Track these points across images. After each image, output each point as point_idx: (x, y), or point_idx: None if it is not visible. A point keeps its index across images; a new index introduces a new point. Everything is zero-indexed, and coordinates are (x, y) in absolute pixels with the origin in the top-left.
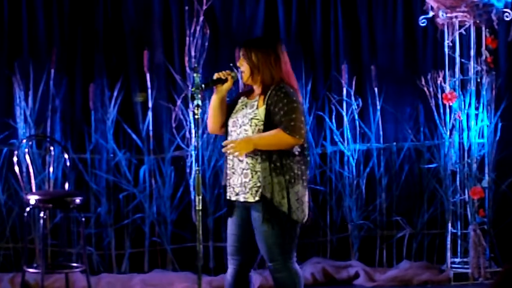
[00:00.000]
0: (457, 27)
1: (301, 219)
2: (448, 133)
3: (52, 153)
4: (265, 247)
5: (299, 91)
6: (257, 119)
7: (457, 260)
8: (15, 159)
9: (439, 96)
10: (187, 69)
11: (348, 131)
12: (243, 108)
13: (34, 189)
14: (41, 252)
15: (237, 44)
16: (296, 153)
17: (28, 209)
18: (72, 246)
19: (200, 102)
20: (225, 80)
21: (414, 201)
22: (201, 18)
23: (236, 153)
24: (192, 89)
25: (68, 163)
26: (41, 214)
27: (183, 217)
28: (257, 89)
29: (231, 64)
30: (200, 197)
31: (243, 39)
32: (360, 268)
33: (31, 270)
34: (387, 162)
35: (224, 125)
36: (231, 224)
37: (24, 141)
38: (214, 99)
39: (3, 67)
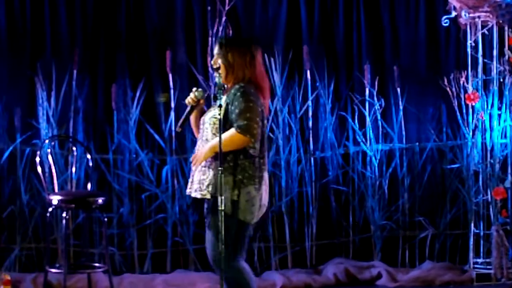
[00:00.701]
0: (479, 27)
1: (249, 220)
2: (471, 133)
3: (75, 153)
4: (208, 244)
5: (268, 91)
6: (216, 117)
7: (480, 260)
8: (37, 159)
9: (462, 96)
10: (210, 70)
11: (371, 131)
12: (213, 108)
13: (56, 190)
14: (64, 252)
15: (259, 44)
16: (253, 154)
17: (50, 209)
18: (94, 246)
19: (222, 102)
20: (197, 105)
21: (436, 201)
22: (224, 19)
23: (194, 162)
24: (215, 90)
25: (90, 164)
26: (64, 215)
27: None
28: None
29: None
30: (223, 197)
31: (266, 39)
32: (383, 268)
33: (53, 270)
34: (409, 163)
35: None
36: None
37: (47, 141)
38: (192, 120)
39: (26, 68)
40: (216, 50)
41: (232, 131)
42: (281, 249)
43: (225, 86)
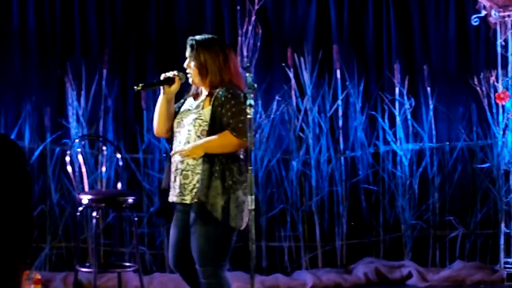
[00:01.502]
0: (509, 26)
1: (239, 226)
2: (501, 132)
3: (105, 153)
4: (197, 252)
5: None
6: (201, 119)
7: (510, 260)
8: (67, 159)
9: (492, 95)
10: (240, 69)
11: (401, 130)
12: (189, 109)
13: (86, 189)
14: (94, 251)
15: (289, 44)
16: (242, 157)
17: (80, 208)
18: (124, 246)
19: (252, 102)
20: (172, 81)
21: (467, 201)
22: (253, 18)
23: (186, 155)
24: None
25: (120, 163)
26: (94, 214)
27: None
28: (204, 90)
29: (284, 64)
30: (253, 196)
31: (295, 39)
32: (413, 268)
33: (83, 269)
34: (440, 162)
35: (171, 128)
36: (173, 229)
37: (77, 141)
38: (161, 101)
39: (56, 67)
40: (187, 52)
41: (226, 133)
42: (311, 249)
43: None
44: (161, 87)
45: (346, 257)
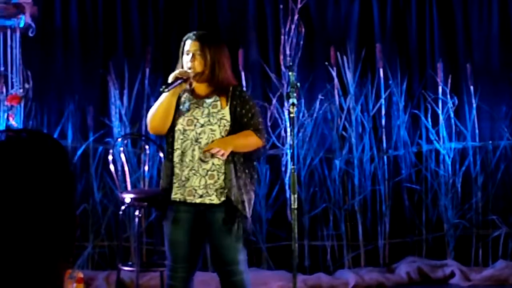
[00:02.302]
0: None
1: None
2: None
3: (147, 151)
4: (229, 251)
5: None
6: (225, 119)
7: None
8: (110, 157)
9: None
10: (282, 68)
11: (444, 129)
12: (196, 107)
13: (129, 188)
14: (136, 250)
15: (332, 42)
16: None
17: (123, 207)
18: None
19: (295, 101)
20: (187, 79)
21: (510, 200)
22: (296, 17)
23: (221, 153)
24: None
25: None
26: (136, 213)
27: (279, 216)
28: (205, 87)
29: (326, 63)
30: (296, 195)
31: (338, 37)
32: (456, 267)
33: (126, 268)
34: (483, 161)
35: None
36: (176, 230)
37: (119, 140)
38: (170, 97)
39: (99, 67)
40: (192, 47)
41: (250, 133)
42: (354, 248)
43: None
44: (178, 84)
45: (388, 256)
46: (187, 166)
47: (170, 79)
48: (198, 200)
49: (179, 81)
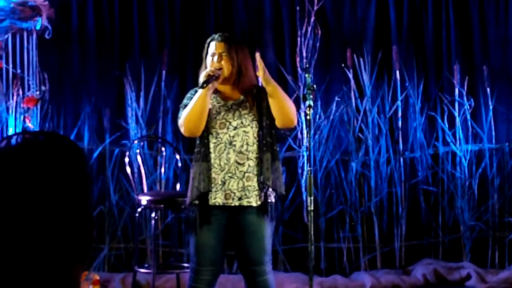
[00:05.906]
0: None
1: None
2: None
3: (164, 154)
4: (259, 251)
5: None
6: (256, 120)
7: None
8: (126, 160)
9: None
10: (299, 70)
11: (460, 131)
12: (226, 109)
13: (145, 190)
14: (153, 252)
15: (348, 44)
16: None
17: (139, 209)
18: (183, 247)
19: (312, 103)
20: (219, 77)
21: None
22: (312, 19)
23: (262, 74)
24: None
25: (179, 164)
26: (153, 215)
27: (295, 218)
28: (230, 89)
29: (343, 65)
30: (312, 197)
31: (354, 39)
32: (472, 269)
33: (142, 270)
34: (499, 163)
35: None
36: (207, 233)
37: (136, 142)
38: (205, 97)
39: (115, 68)
40: (218, 48)
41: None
42: (370, 250)
43: (253, 89)
44: (214, 80)
45: (405, 258)
46: (223, 170)
47: (202, 78)
48: (236, 203)
49: (213, 77)
